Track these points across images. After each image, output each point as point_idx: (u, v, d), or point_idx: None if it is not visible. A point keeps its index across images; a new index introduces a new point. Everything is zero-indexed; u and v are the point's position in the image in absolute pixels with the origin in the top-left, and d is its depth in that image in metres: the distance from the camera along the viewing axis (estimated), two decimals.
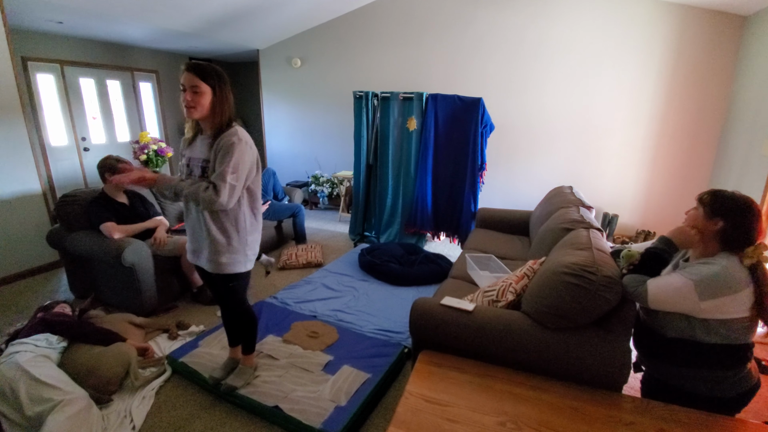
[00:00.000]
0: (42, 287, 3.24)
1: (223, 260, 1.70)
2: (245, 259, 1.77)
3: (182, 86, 1.56)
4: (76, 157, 5.20)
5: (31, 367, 1.75)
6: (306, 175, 6.06)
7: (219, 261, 1.70)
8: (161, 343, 2.44)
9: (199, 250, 1.75)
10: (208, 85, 1.57)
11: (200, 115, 1.59)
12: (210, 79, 1.57)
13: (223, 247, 1.69)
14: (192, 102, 1.55)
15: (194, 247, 1.79)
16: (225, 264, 1.71)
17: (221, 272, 1.73)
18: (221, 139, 1.60)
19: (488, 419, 1.30)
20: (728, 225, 1.31)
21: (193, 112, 1.57)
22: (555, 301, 1.52)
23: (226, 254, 1.71)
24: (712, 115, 3.89)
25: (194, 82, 1.54)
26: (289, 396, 1.88)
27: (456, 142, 3.89)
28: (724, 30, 3.69)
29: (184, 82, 1.55)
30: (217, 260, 1.70)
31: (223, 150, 1.58)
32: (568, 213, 2.50)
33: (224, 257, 1.70)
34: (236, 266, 1.74)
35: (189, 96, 1.55)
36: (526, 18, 4.33)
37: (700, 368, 1.36)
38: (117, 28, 4.57)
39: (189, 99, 1.55)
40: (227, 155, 1.56)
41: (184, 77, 1.55)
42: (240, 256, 1.74)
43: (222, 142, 1.59)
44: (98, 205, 2.73)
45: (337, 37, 5.37)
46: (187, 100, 1.55)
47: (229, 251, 1.71)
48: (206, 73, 1.56)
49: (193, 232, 1.77)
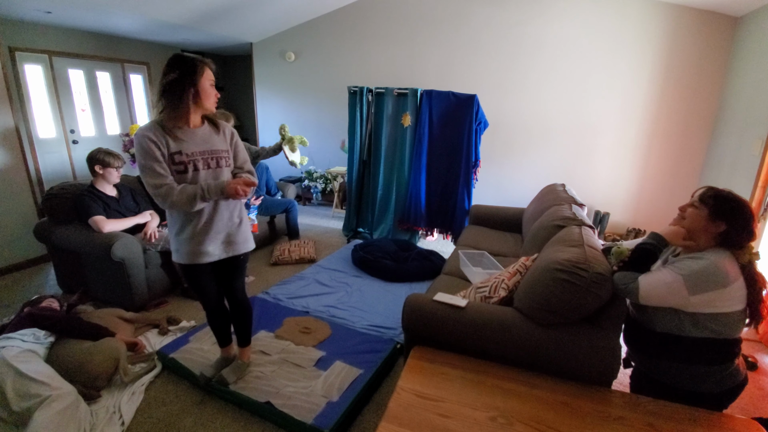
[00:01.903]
0: (29, 282, 3.19)
1: (249, 236, 1.87)
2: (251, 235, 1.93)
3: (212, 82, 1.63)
4: (65, 150, 5.11)
5: (18, 363, 1.72)
6: (299, 170, 6.02)
7: (249, 238, 1.86)
8: (151, 339, 2.41)
9: (233, 236, 1.79)
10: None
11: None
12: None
13: (247, 225, 1.86)
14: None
15: (226, 239, 1.76)
16: (251, 240, 1.87)
17: (249, 250, 1.87)
18: (229, 130, 1.78)
19: (479, 414, 1.30)
20: (731, 228, 1.32)
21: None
22: (547, 297, 1.53)
23: (249, 231, 1.87)
24: (703, 115, 3.93)
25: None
26: (281, 391, 1.87)
27: (450, 138, 3.89)
28: (716, 30, 3.72)
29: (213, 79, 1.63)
30: (248, 238, 1.85)
31: (238, 140, 1.81)
32: (560, 210, 2.51)
33: (249, 234, 1.87)
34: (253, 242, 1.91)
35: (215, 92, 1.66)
36: (520, 16, 4.33)
37: (688, 363, 1.37)
38: (107, 19, 4.49)
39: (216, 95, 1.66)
40: (242, 143, 1.83)
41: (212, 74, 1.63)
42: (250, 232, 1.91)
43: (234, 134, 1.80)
44: (87, 198, 2.69)
45: (331, 32, 5.33)
46: (218, 97, 1.67)
47: (249, 228, 1.88)
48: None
49: (224, 225, 1.73)
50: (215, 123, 1.74)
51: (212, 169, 1.65)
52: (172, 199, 1.52)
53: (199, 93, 1.57)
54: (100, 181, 2.77)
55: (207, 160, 1.64)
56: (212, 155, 1.66)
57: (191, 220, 1.65)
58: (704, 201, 1.37)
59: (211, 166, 1.65)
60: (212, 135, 1.70)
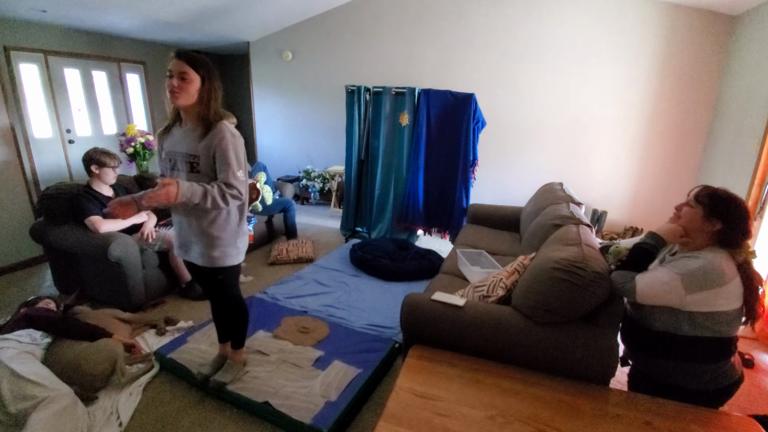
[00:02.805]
0: (25, 282, 3.17)
1: (215, 254, 1.69)
2: (237, 251, 1.76)
3: (169, 72, 1.53)
4: (61, 150, 5.08)
5: (14, 364, 1.71)
6: (297, 169, 6.01)
7: (211, 255, 1.69)
8: (149, 339, 2.40)
9: (189, 245, 1.73)
10: (198, 74, 1.55)
11: (185, 102, 1.56)
12: (200, 69, 1.56)
13: (216, 240, 1.68)
14: (178, 88, 1.52)
15: (183, 241, 1.76)
16: (217, 257, 1.70)
17: (213, 266, 1.71)
18: (215, 137, 1.58)
19: (478, 413, 1.30)
20: (726, 226, 1.32)
21: (178, 98, 1.54)
22: (545, 296, 1.54)
23: (219, 248, 1.69)
24: (700, 114, 3.94)
25: (183, 69, 1.52)
26: (279, 391, 1.87)
27: (448, 137, 3.89)
28: (713, 29, 3.73)
29: (172, 68, 1.53)
30: (209, 254, 1.69)
31: (222, 148, 1.57)
32: (558, 209, 2.52)
33: (216, 251, 1.69)
34: (228, 259, 1.73)
35: (176, 82, 1.52)
36: (518, 15, 4.33)
37: (685, 361, 1.38)
38: (103, 18, 4.46)
39: (175, 84, 1.52)
40: (228, 152, 1.57)
41: (173, 63, 1.53)
42: (232, 249, 1.73)
43: (217, 140, 1.57)
44: (83, 198, 2.67)
45: (329, 31, 5.32)
46: (173, 86, 1.52)
47: (222, 244, 1.69)
48: (197, 61, 1.55)
49: (181, 227, 1.74)
50: (209, 125, 1.60)
51: (178, 171, 1.65)
52: None
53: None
54: (96, 182, 2.76)
55: (175, 160, 1.65)
56: (180, 156, 1.64)
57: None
58: (699, 200, 1.38)
59: (178, 169, 1.65)
60: (191, 136, 1.61)
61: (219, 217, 1.66)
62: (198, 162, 1.60)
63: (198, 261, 1.72)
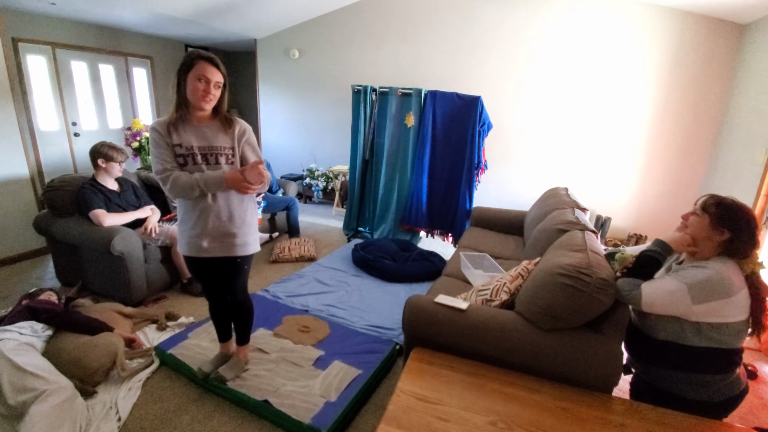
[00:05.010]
0: (27, 274, 3.17)
1: (250, 240, 1.80)
2: (258, 237, 1.88)
3: (200, 76, 1.55)
4: (66, 143, 5.10)
5: (15, 356, 1.71)
6: (301, 168, 6.01)
7: (247, 242, 1.78)
8: (149, 334, 2.40)
9: (226, 237, 1.71)
10: (224, 77, 1.63)
11: (212, 105, 1.65)
12: (224, 72, 1.64)
13: (251, 227, 1.80)
14: (213, 96, 1.61)
15: (217, 235, 1.70)
16: (251, 244, 1.80)
17: (247, 253, 1.79)
18: (242, 131, 1.73)
19: (479, 418, 1.29)
20: (734, 236, 1.31)
21: (211, 102, 1.62)
22: (549, 301, 1.52)
23: (252, 234, 1.81)
24: (707, 122, 3.92)
25: (219, 78, 1.60)
26: (279, 390, 1.86)
27: (453, 139, 3.88)
28: (721, 37, 3.71)
29: (207, 75, 1.56)
30: (246, 241, 1.78)
31: (251, 141, 1.76)
32: (563, 214, 2.50)
33: (251, 237, 1.80)
34: (256, 244, 1.84)
35: (213, 90, 1.59)
36: (525, 20, 4.32)
37: (689, 372, 1.37)
38: (111, 12, 4.47)
39: (212, 93, 1.60)
40: (255, 144, 1.78)
41: (207, 70, 1.56)
42: (257, 234, 1.86)
43: (247, 134, 1.75)
44: (88, 191, 2.68)
45: (336, 30, 5.31)
46: (209, 93, 1.58)
47: (254, 231, 1.82)
48: (221, 66, 1.63)
49: (220, 222, 1.69)
50: (229, 120, 1.70)
51: (212, 165, 1.66)
52: (169, 186, 1.58)
53: (188, 87, 1.57)
54: (102, 175, 2.76)
55: (206, 155, 1.65)
56: (212, 151, 1.65)
57: (190, 211, 1.68)
58: (707, 209, 1.37)
59: (210, 162, 1.66)
60: (218, 132, 1.67)
61: (250, 204, 1.79)
62: (233, 154, 1.70)
63: (236, 252, 1.75)
